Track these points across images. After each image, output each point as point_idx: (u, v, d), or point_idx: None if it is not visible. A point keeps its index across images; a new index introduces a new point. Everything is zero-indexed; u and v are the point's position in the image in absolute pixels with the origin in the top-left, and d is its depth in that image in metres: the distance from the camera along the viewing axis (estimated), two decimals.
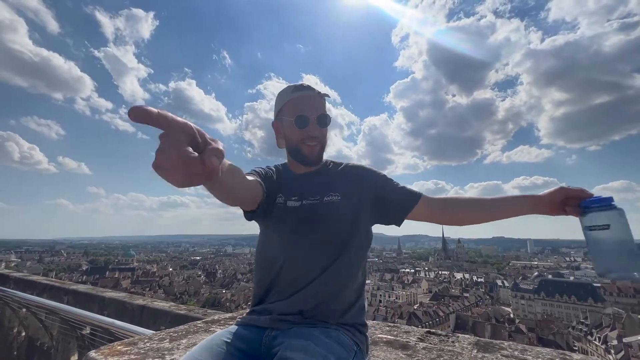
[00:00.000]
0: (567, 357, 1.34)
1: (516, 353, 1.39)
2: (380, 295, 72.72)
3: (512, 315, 56.88)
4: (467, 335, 1.63)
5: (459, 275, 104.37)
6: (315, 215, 1.02)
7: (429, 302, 62.68)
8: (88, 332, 2.96)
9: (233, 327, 1.00)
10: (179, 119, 0.47)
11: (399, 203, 1.08)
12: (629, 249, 0.81)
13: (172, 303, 3.06)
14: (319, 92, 1.08)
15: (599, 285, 67.72)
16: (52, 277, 5.83)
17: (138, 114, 0.43)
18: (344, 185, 1.09)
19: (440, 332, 1.69)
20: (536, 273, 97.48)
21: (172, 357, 1.28)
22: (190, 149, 0.46)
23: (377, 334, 1.67)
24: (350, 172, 1.15)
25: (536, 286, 72.23)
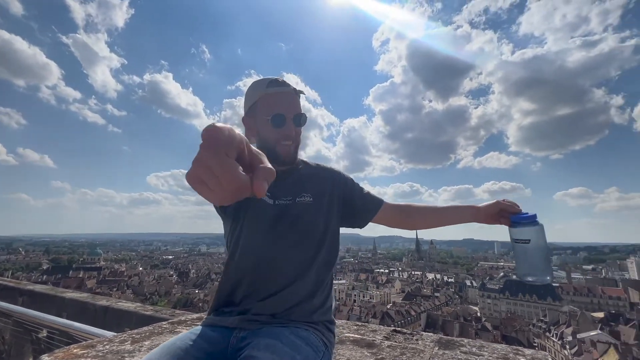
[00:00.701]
0: (520, 352, 1.43)
1: (474, 349, 1.47)
2: (355, 295, 73.60)
3: (479, 314, 59.52)
4: (430, 334, 1.70)
5: (430, 276, 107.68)
6: (289, 216, 1.03)
7: (401, 302, 64.18)
8: (45, 335, 2.79)
9: (197, 329, 0.95)
10: (233, 131, 0.41)
11: (365, 207, 1.16)
12: (544, 258, 0.99)
13: (139, 304, 2.95)
14: (295, 89, 1.06)
15: (557, 285, 72.44)
16: (7, 277, 5.42)
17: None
18: (315, 186, 1.10)
19: (405, 330, 1.75)
20: (502, 273, 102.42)
21: None
22: (241, 169, 0.40)
23: (345, 333, 1.70)
24: (321, 173, 1.17)
25: (502, 286, 76.00)
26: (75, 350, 1.31)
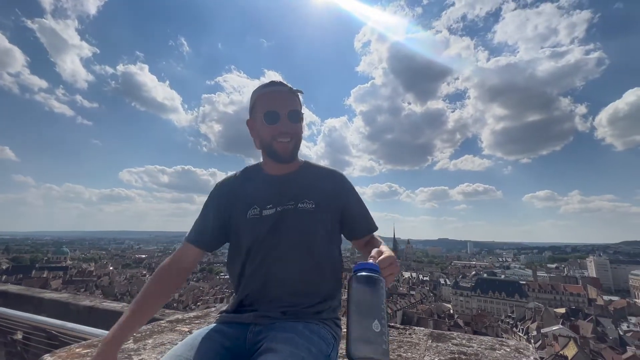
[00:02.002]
0: (504, 343, 1.56)
1: (464, 341, 1.58)
2: None
3: (452, 311, 61.70)
4: (422, 328, 1.81)
5: (407, 274, 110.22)
6: (291, 222, 1.04)
7: None
8: (20, 337, 2.67)
9: (214, 325, 1.00)
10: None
11: (358, 227, 1.19)
12: (376, 325, 0.73)
13: (125, 303, 2.88)
14: (291, 88, 1.08)
15: (524, 283, 76.54)
16: None
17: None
18: (319, 193, 1.10)
19: (399, 325, 1.85)
20: (474, 272, 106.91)
21: (141, 358, 1.25)
22: None
23: (344, 328, 1.77)
24: (327, 178, 1.16)
25: (473, 284, 79.33)
26: (77, 350, 1.30)
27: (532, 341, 38.94)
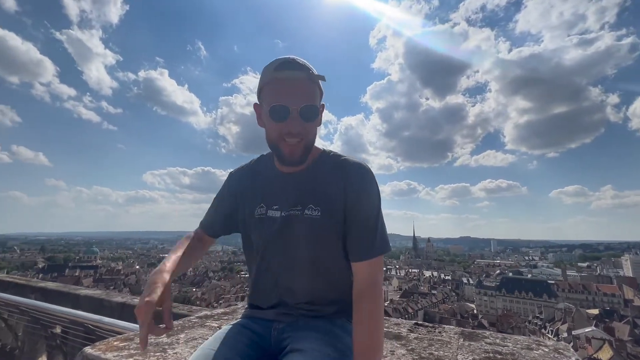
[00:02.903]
0: (542, 343, 1.49)
1: (498, 340, 1.52)
2: None
3: (475, 311, 60.10)
4: (452, 327, 1.76)
5: (427, 273, 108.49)
6: (297, 230, 0.96)
7: (399, 299, 64.54)
8: (59, 330, 2.82)
9: (241, 320, 1.01)
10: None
11: (350, 247, 0.95)
12: None
13: None
14: (310, 73, 0.86)
15: (553, 282, 73.27)
16: (8, 275, 5.42)
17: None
18: (326, 197, 0.95)
19: (427, 324, 1.81)
20: (498, 271, 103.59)
21: (175, 351, 1.29)
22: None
23: None
24: (341, 177, 0.96)
25: (498, 283, 76.78)
26: (115, 343, 1.35)
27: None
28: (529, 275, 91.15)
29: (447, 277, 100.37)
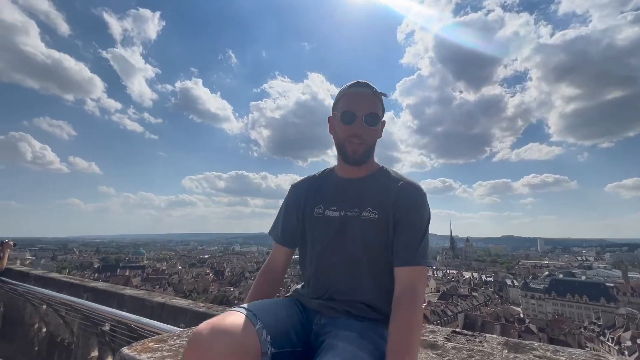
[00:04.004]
0: (602, 358, 1.31)
1: (548, 354, 1.37)
2: None
3: (522, 315, 56.10)
4: (494, 336, 1.61)
5: (467, 275, 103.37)
6: (354, 230, 1.05)
7: (437, 301, 62.20)
8: (108, 328, 3.02)
9: (292, 299, 1.12)
10: None
11: (394, 253, 1.02)
12: None
13: (191, 300, 3.09)
14: (375, 91, 1.07)
15: (612, 285, 66.43)
16: (66, 275, 5.95)
17: None
18: (383, 203, 1.05)
19: (466, 332, 1.67)
20: (547, 272, 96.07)
21: None
22: None
23: None
24: (395, 189, 1.07)
25: (547, 285, 71.13)
26: (149, 344, 1.39)
27: (627, 353, 33.66)
28: (583, 277, 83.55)
29: (488, 279, 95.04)
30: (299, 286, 1.22)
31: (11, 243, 4.60)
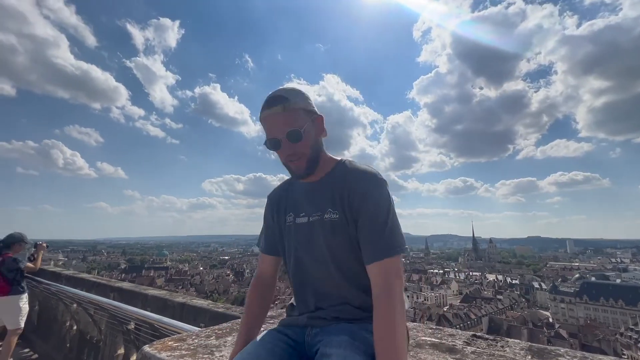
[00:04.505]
0: None
1: None
2: (408, 296, 71.37)
3: (551, 320, 53.58)
4: (517, 340, 1.55)
5: (491, 277, 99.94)
6: (319, 234, 1.04)
7: (459, 304, 60.56)
8: (133, 327, 3.13)
9: (278, 327, 1.10)
10: None
11: (363, 251, 0.97)
12: None
13: (210, 301, 3.16)
14: (284, 106, 0.98)
15: None
16: (95, 275, 6.25)
17: None
18: (343, 200, 1.03)
19: (487, 336, 1.62)
20: (577, 275, 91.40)
21: (221, 354, 1.32)
22: None
23: (420, 336, 1.63)
24: (353, 183, 1.03)
25: (577, 289, 67.70)
26: (169, 343, 1.44)
27: None
28: (618, 280, 78.94)
29: (514, 281, 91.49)
30: (288, 304, 1.23)
31: (44, 245, 4.87)
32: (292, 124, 0.99)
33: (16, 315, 4.05)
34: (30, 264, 4.33)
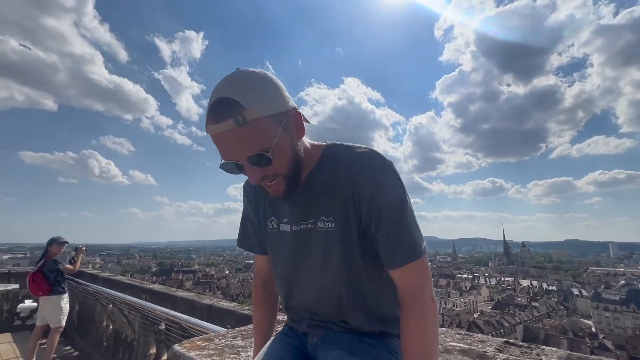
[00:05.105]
0: None
1: None
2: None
3: (594, 329, 49.85)
4: (554, 349, 1.45)
5: (525, 283, 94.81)
6: (311, 246, 0.85)
7: (490, 311, 57.88)
8: (163, 327, 3.26)
9: (284, 330, 1.01)
10: None
11: (383, 255, 0.79)
12: None
13: (236, 303, 3.23)
14: (238, 119, 0.63)
15: None
16: (129, 277, 6.59)
17: None
18: (339, 203, 0.80)
19: (521, 343, 1.53)
20: (623, 281, 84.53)
21: (247, 354, 1.35)
22: None
23: (449, 341, 1.57)
24: (350, 176, 0.78)
25: (624, 296, 62.57)
26: (198, 342, 1.48)
27: None
28: None
29: (550, 288, 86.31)
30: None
31: (84, 249, 5.19)
32: (255, 145, 0.67)
33: (57, 314, 4.32)
34: (69, 266, 4.63)
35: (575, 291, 77.92)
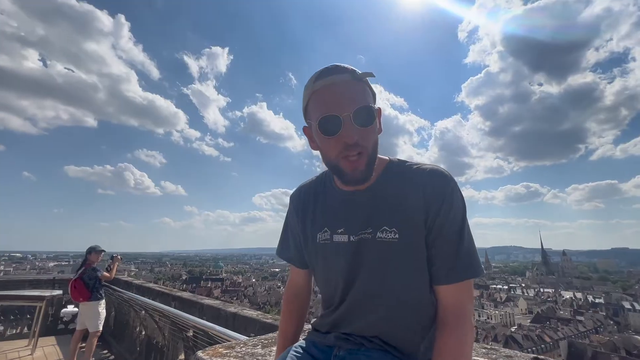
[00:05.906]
0: None
1: None
2: None
3: None
4: None
5: (567, 294, 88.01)
6: (370, 257, 0.81)
7: (530, 325, 54.22)
8: (191, 334, 3.36)
9: (304, 342, 0.94)
10: None
11: (433, 269, 0.78)
12: None
13: (260, 312, 3.26)
14: (354, 73, 0.72)
15: None
16: (160, 285, 6.87)
17: None
18: (403, 214, 0.78)
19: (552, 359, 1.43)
20: None
21: None
22: None
23: (473, 356, 1.49)
24: (416, 189, 0.78)
25: None
26: (220, 350, 1.51)
27: None
28: None
29: (597, 300, 79.41)
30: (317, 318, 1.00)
31: (119, 257, 5.49)
32: (363, 100, 0.71)
33: (95, 319, 4.59)
34: (106, 273, 4.91)
35: (627, 304, 71.07)
